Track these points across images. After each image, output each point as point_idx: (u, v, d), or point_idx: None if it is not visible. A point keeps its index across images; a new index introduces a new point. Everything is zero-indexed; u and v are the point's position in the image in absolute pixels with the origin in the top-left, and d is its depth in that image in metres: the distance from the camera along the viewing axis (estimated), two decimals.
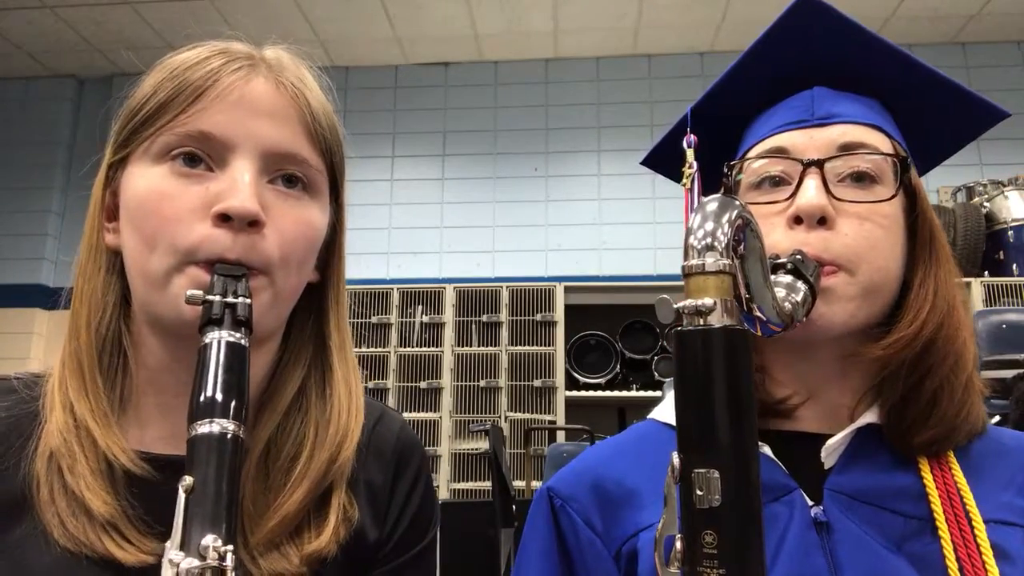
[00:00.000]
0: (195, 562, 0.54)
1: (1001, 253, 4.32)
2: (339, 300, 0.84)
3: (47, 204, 5.35)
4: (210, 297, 0.65)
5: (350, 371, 0.82)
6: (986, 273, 4.33)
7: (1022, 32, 5.16)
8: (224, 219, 0.69)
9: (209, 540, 0.55)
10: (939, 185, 4.80)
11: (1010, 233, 4.31)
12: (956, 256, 0.84)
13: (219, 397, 0.61)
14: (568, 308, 4.64)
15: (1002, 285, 4.23)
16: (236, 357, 0.64)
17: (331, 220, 0.82)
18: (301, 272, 0.77)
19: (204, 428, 0.60)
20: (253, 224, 0.70)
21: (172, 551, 0.56)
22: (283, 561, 0.71)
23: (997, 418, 2.24)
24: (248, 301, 0.66)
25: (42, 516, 0.69)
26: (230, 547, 0.56)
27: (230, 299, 0.66)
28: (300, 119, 0.75)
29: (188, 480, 0.58)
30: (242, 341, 0.65)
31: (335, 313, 0.83)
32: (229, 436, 0.60)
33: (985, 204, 4.42)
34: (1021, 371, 2.39)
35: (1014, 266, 4.27)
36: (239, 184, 0.70)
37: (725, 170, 0.85)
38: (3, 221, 5.36)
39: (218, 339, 0.64)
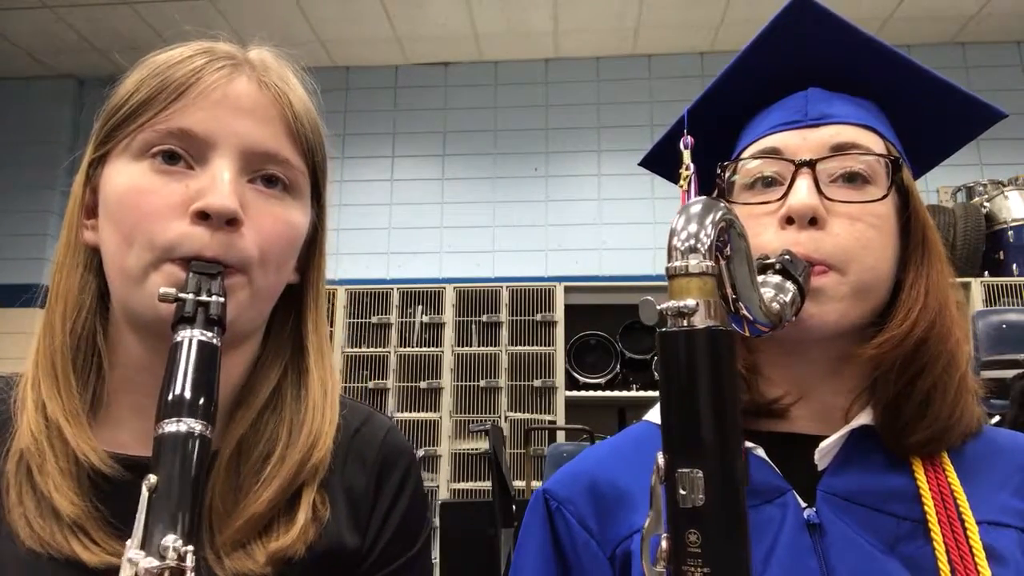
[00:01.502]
0: (154, 562, 0.54)
1: (1001, 253, 4.31)
2: (318, 301, 0.84)
3: (47, 204, 5.36)
4: (183, 295, 0.65)
5: (327, 373, 0.82)
6: (986, 273, 4.33)
7: (1021, 33, 5.15)
8: (202, 217, 0.69)
9: (170, 540, 0.55)
10: (939, 185, 4.80)
11: (1010, 233, 4.30)
12: (956, 256, 0.84)
13: (187, 396, 0.60)
14: (568, 308, 4.64)
15: (1002, 285, 4.23)
16: (207, 356, 0.63)
17: (312, 221, 0.81)
18: (280, 272, 0.77)
19: (171, 427, 0.59)
20: (231, 222, 0.69)
21: (132, 550, 0.55)
22: (248, 561, 0.70)
23: (997, 418, 2.24)
24: (221, 300, 0.66)
25: (10, 517, 0.68)
26: (190, 547, 0.55)
27: (203, 297, 0.65)
28: (282, 119, 0.75)
29: (152, 479, 0.57)
30: (214, 340, 0.64)
31: (314, 314, 0.83)
32: (196, 436, 0.59)
33: (985, 204, 4.42)
34: (1021, 371, 2.39)
35: (1014, 266, 4.27)
36: (218, 182, 0.70)
37: (719, 171, 0.85)
38: (3, 221, 5.36)
39: (189, 338, 0.63)
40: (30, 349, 0.76)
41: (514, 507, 3.43)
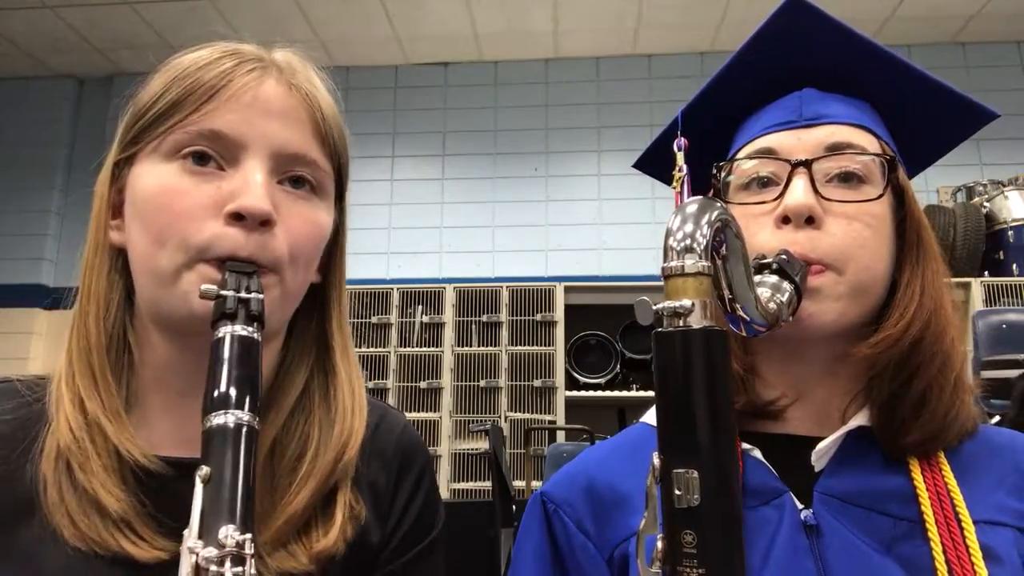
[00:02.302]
0: (214, 551, 0.55)
1: (1001, 253, 4.31)
2: (341, 301, 0.85)
3: (47, 204, 5.36)
4: (224, 292, 0.66)
5: (352, 372, 0.83)
6: (986, 273, 4.33)
7: (1021, 32, 5.15)
8: (237, 218, 0.70)
9: (228, 530, 0.56)
10: (939, 185, 4.80)
11: (1010, 233, 4.31)
12: (956, 256, 0.84)
13: (233, 389, 0.62)
14: (568, 308, 4.64)
15: (1002, 285, 4.23)
16: (249, 351, 0.65)
17: (334, 221, 0.82)
18: (307, 271, 0.78)
19: (219, 419, 0.60)
20: (265, 223, 0.71)
21: (191, 539, 0.56)
22: (291, 560, 0.71)
23: (997, 418, 2.24)
24: (261, 296, 0.67)
25: (51, 517, 0.68)
26: (248, 535, 0.56)
27: (243, 294, 0.66)
28: (311, 121, 0.76)
29: (205, 470, 0.58)
30: (255, 335, 0.66)
31: (337, 314, 0.84)
32: (244, 427, 0.61)
33: (985, 204, 4.42)
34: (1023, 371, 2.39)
35: (1014, 266, 4.27)
36: (252, 183, 0.71)
37: (714, 171, 0.86)
38: (3, 221, 5.37)
39: (231, 333, 0.65)
40: (62, 349, 0.76)
41: (514, 507, 3.43)
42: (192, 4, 4.76)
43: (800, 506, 0.76)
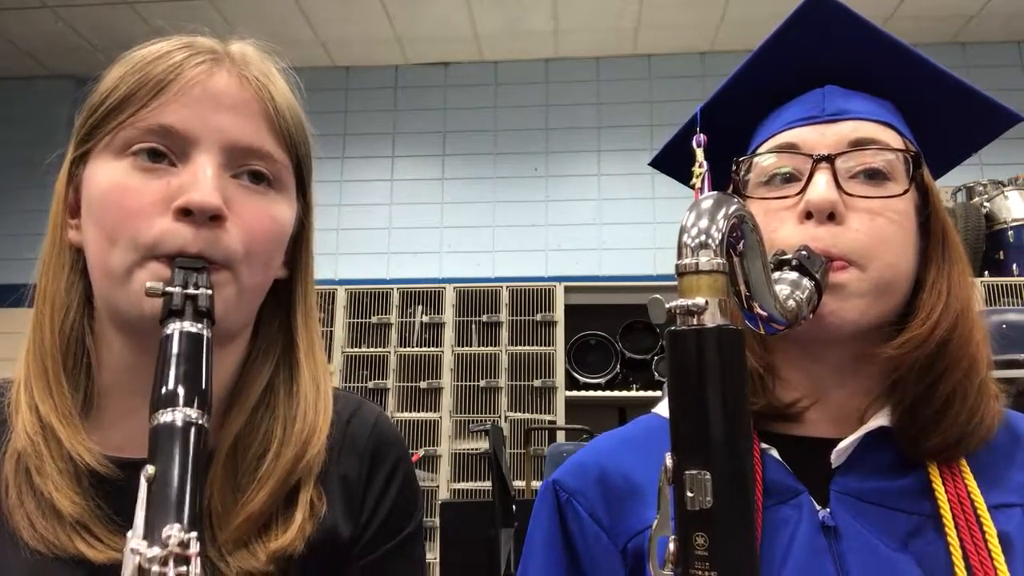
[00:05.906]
0: (158, 551, 0.53)
1: (1001, 253, 4.31)
2: (307, 296, 0.83)
3: (46, 204, 5.34)
4: (170, 289, 0.65)
5: (318, 368, 0.82)
6: (986, 273, 4.32)
7: (1021, 32, 5.15)
8: (185, 213, 0.68)
9: (172, 529, 0.54)
10: (939, 185, 4.78)
11: (1010, 233, 4.30)
12: None
13: (180, 386, 0.60)
14: (568, 308, 4.63)
15: (1002, 285, 4.22)
16: (197, 347, 0.63)
17: (299, 216, 0.81)
18: (267, 268, 0.76)
19: (166, 417, 0.59)
20: (215, 218, 0.69)
21: (135, 540, 0.55)
22: (251, 559, 0.71)
23: None
24: (209, 292, 0.66)
25: (11, 519, 0.68)
26: (194, 534, 0.55)
27: (190, 290, 0.65)
28: (263, 114, 0.75)
29: (150, 469, 0.57)
30: (203, 332, 0.64)
31: (303, 309, 0.83)
32: (192, 425, 0.59)
33: (985, 204, 4.41)
34: None
35: (1014, 266, 4.26)
36: (200, 178, 0.69)
37: (734, 166, 0.84)
38: (2, 221, 5.36)
39: (179, 329, 0.63)
40: (20, 351, 0.75)
41: (514, 507, 3.42)
42: (192, 4, 4.76)
43: (818, 507, 0.75)
